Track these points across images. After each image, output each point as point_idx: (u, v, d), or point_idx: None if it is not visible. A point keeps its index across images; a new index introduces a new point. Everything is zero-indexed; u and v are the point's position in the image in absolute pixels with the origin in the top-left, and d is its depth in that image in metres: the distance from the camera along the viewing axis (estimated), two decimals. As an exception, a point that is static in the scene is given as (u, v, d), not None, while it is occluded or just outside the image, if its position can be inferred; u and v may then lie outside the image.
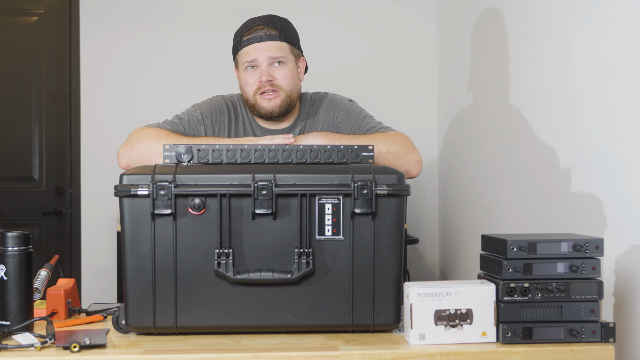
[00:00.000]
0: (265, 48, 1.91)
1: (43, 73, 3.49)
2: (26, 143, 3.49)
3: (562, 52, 2.04)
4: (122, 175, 1.40)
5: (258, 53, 1.91)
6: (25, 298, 1.43)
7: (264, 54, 1.91)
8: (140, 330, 1.42)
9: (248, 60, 1.92)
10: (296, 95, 1.98)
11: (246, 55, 1.92)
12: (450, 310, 1.35)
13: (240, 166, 1.46)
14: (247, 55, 1.92)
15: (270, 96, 1.91)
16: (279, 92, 1.92)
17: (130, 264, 1.39)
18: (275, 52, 1.91)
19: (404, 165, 1.82)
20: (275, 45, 1.92)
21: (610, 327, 1.36)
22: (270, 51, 1.91)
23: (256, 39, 1.91)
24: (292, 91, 1.95)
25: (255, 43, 1.91)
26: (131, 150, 1.84)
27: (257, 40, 1.91)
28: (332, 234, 1.41)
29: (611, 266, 1.70)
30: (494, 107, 2.63)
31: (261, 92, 1.92)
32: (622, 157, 1.70)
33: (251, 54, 1.92)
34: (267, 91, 1.91)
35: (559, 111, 2.05)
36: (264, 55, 1.91)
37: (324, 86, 2.33)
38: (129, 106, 3.39)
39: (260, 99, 1.92)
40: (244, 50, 1.93)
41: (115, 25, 3.40)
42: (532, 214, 2.25)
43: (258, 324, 1.41)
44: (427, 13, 3.48)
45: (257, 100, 1.93)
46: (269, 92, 1.91)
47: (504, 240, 1.37)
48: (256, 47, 1.91)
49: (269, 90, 1.91)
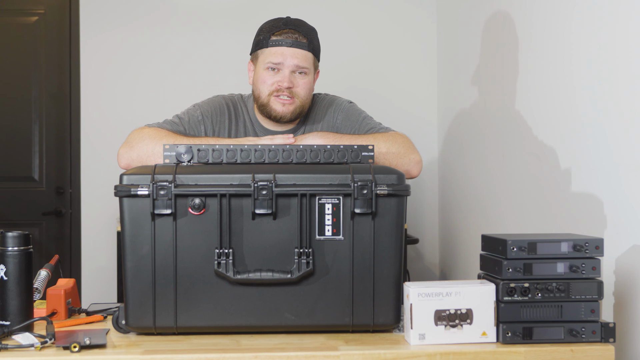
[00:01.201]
0: (293, 54, 1.91)
1: (43, 73, 3.49)
2: (26, 143, 3.48)
3: (562, 52, 2.04)
4: (122, 175, 1.40)
5: (285, 57, 1.90)
6: (25, 298, 1.43)
7: (291, 60, 1.90)
8: (140, 330, 1.42)
9: (273, 61, 1.91)
10: (307, 106, 1.98)
11: (272, 56, 1.91)
12: (450, 310, 1.35)
13: (240, 166, 1.46)
14: (273, 56, 1.91)
15: (285, 101, 1.91)
16: (295, 100, 1.92)
17: (130, 264, 1.39)
18: (301, 61, 1.91)
19: (404, 165, 1.82)
20: (303, 55, 1.92)
21: (610, 327, 1.36)
22: (297, 59, 1.91)
23: (286, 43, 1.91)
24: (306, 101, 1.95)
25: (285, 47, 1.91)
26: (131, 150, 1.84)
27: (286, 45, 1.90)
28: (332, 234, 1.41)
29: (611, 266, 1.70)
30: (494, 107, 2.63)
31: (277, 94, 1.91)
32: (622, 157, 1.70)
33: (278, 56, 1.91)
34: (284, 95, 1.91)
35: (559, 111, 2.05)
36: (291, 61, 1.90)
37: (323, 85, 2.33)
38: (128, 106, 3.39)
39: (274, 100, 1.92)
40: (271, 50, 1.92)
41: (115, 25, 3.40)
42: (532, 214, 2.25)
43: (258, 324, 1.41)
44: (427, 13, 3.49)
45: (270, 101, 1.92)
46: (285, 97, 1.91)
47: (504, 240, 1.37)
48: (284, 51, 1.91)
49: (286, 95, 1.91)
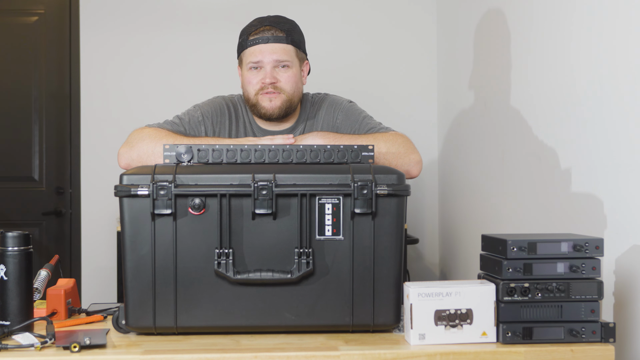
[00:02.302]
0: (271, 50, 1.91)
1: (43, 73, 3.49)
2: (26, 143, 3.48)
3: (562, 52, 2.04)
4: (122, 175, 1.40)
5: (264, 54, 1.91)
6: (25, 298, 1.43)
7: (269, 56, 1.91)
8: (140, 330, 1.42)
9: (253, 60, 1.92)
10: (297, 99, 1.98)
11: (251, 56, 1.92)
12: (450, 310, 1.35)
13: (240, 166, 1.46)
14: (253, 55, 1.92)
15: (271, 95, 1.92)
16: (281, 94, 1.92)
17: (130, 264, 1.39)
18: (280, 55, 1.91)
19: (404, 165, 1.82)
20: (281, 48, 1.92)
21: (610, 327, 1.36)
22: (276, 54, 1.91)
23: (263, 40, 1.91)
24: (293, 94, 1.95)
25: (262, 44, 1.91)
26: (131, 150, 1.84)
27: (263, 42, 1.91)
28: (332, 234, 1.41)
29: (611, 266, 1.70)
30: (494, 107, 2.63)
31: (263, 91, 1.92)
32: (622, 157, 1.70)
33: (256, 54, 1.91)
34: (269, 91, 1.91)
35: (559, 111, 2.05)
36: (269, 57, 1.91)
37: (322, 86, 2.33)
38: (129, 106, 3.39)
39: (261, 97, 1.93)
40: (250, 50, 1.93)
41: (115, 25, 3.40)
42: (532, 214, 2.25)
43: (258, 324, 1.41)
44: (427, 13, 3.48)
45: (258, 100, 1.93)
46: (270, 92, 1.91)
47: (504, 240, 1.37)
48: (262, 49, 1.91)
49: (270, 89, 1.91)
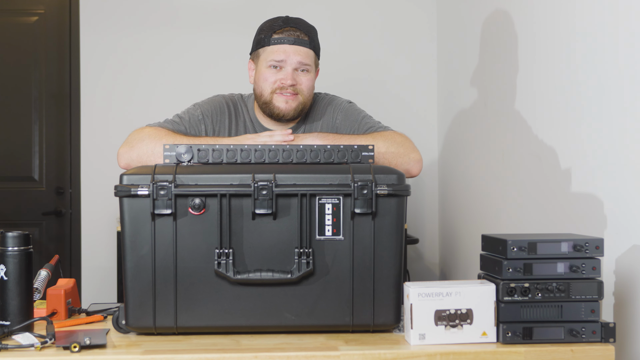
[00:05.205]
0: (296, 52, 1.91)
1: (43, 73, 3.49)
2: (26, 143, 3.48)
3: (562, 51, 2.04)
4: (122, 175, 1.40)
5: (288, 55, 1.91)
6: (25, 298, 1.43)
7: (294, 57, 1.91)
8: (140, 330, 1.42)
9: (276, 59, 1.91)
10: (309, 104, 1.99)
11: (274, 54, 1.91)
12: (450, 310, 1.35)
13: (240, 166, 1.46)
14: (275, 54, 1.91)
15: (289, 97, 1.92)
16: (298, 97, 1.93)
17: (130, 264, 1.39)
18: (304, 58, 1.92)
19: (403, 164, 1.82)
20: (305, 52, 1.92)
21: (611, 327, 1.36)
22: (301, 56, 1.91)
23: (289, 40, 1.91)
24: (308, 99, 1.96)
25: (287, 45, 1.91)
26: (131, 150, 1.84)
27: (289, 42, 1.91)
28: (332, 234, 1.41)
29: (611, 266, 1.70)
30: (494, 107, 2.63)
31: (280, 92, 1.91)
32: (622, 157, 1.70)
33: (280, 54, 1.91)
34: (287, 92, 1.91)
35: (559, 111, 2.04)
36: (294, 58, 1.91)
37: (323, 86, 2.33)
38: (128, 106, 3.39)
39: (277, 97, 1.92)
40: (273, 48, 1.92)
41: (115, 25, 3.40)
42: (532, 214, 2.25)
43: (258, 324, 1.41)
44: (427, 13, 3.48)
45: (273, 99, 1.93)
46: (289, 93, 1.91)
47: (504, 240, 1.37)
48: (287, 49, 1.91)
49: (289, 92, 1.91)
